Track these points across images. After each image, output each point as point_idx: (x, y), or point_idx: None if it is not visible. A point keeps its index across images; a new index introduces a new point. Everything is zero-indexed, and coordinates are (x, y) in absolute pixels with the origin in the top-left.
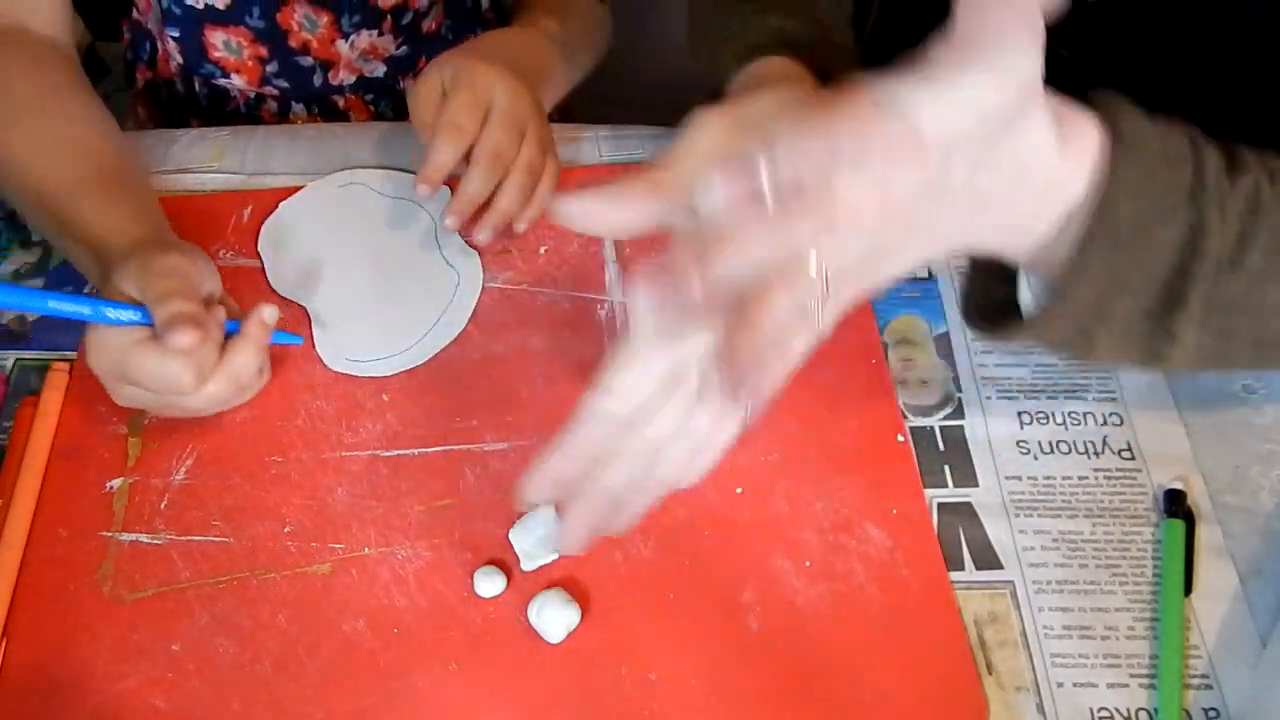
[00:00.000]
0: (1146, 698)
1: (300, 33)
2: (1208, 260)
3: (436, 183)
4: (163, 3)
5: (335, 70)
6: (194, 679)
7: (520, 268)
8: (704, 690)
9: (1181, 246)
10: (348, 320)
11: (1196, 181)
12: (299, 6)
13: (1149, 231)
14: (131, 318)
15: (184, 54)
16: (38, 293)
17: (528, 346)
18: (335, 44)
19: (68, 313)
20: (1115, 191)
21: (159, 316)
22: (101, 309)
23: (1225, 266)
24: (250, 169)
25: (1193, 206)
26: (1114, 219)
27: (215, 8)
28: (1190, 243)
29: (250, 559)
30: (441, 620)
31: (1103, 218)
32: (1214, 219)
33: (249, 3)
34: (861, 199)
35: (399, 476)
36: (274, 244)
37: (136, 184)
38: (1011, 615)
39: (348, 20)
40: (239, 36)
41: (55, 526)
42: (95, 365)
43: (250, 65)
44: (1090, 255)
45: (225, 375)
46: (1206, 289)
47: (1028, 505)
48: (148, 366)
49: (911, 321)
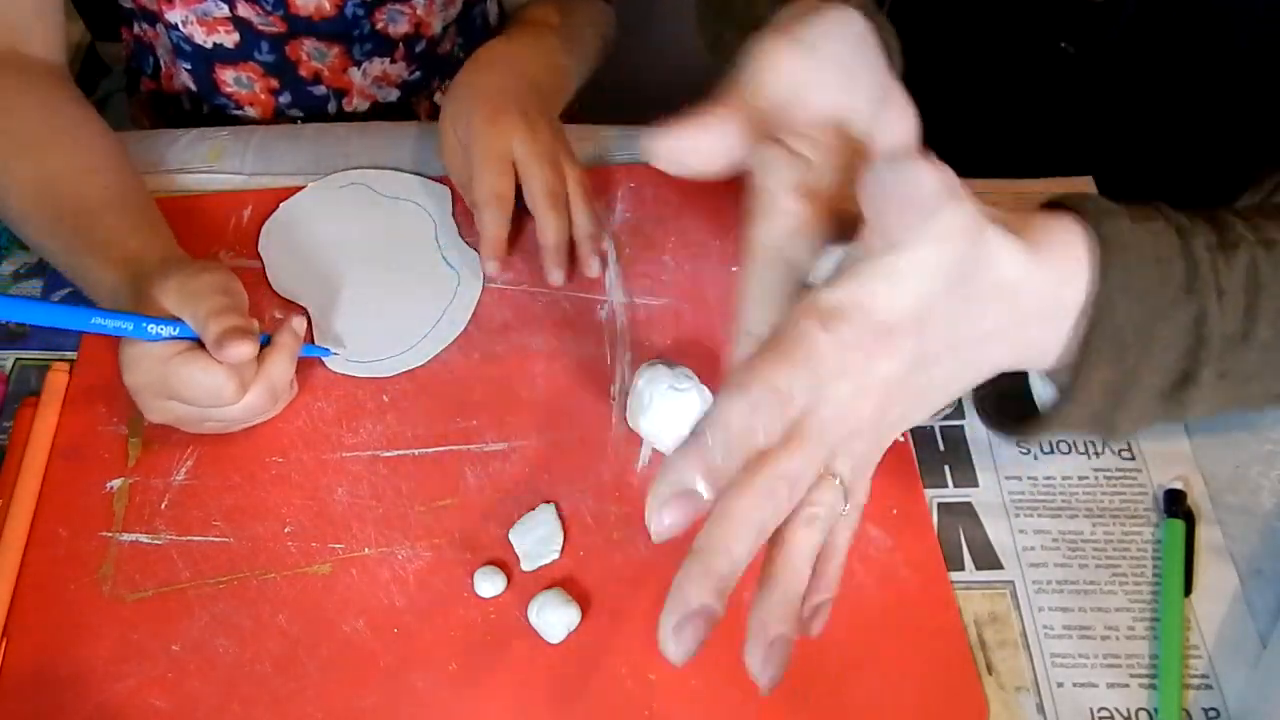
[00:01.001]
0: (1146, 698)
1: (310, 63)
2: (1213, 343)
3: (502, 254)
4: (172, 37)
5: (349, 97)
6: (194, 679)
7: (520, 268)
8: (704, 690)
9: (1186, 337)
10: (348, 321)
11: (1190, 274)
12: (307, 40)
13: (1150, 331)
14: (171, 332)
15: (196, 84)
16: (81, 310)
17: (528, 346)
18: (347, 72)
19: (110, 329)
20: (1110, 299)
21: (212, 330)
22: (143, 325)
23: (1234, 343)
24: (250, 169)
25: (1191, 299)
26: (1113, 326)
27: (224, 47)
28: (1193, 332)
29: (250, 559)
30: (441, 620)
31: (1101, 326)
32: (1213, 305)
33: (257, 39)
34: (849, 409)
35: (399, 477)
36: (274, 245)
37: (147, 204)
38: (1011, 615)
39: (359, 49)
40: (249, 72)
41: (55, 526)
42: (133, 380)
43: (263, 98)
44: (1094, 362)
45: (263, 385)
46: (1217, 367)
47: (1028, 505)
48: (192, 378)
49: None
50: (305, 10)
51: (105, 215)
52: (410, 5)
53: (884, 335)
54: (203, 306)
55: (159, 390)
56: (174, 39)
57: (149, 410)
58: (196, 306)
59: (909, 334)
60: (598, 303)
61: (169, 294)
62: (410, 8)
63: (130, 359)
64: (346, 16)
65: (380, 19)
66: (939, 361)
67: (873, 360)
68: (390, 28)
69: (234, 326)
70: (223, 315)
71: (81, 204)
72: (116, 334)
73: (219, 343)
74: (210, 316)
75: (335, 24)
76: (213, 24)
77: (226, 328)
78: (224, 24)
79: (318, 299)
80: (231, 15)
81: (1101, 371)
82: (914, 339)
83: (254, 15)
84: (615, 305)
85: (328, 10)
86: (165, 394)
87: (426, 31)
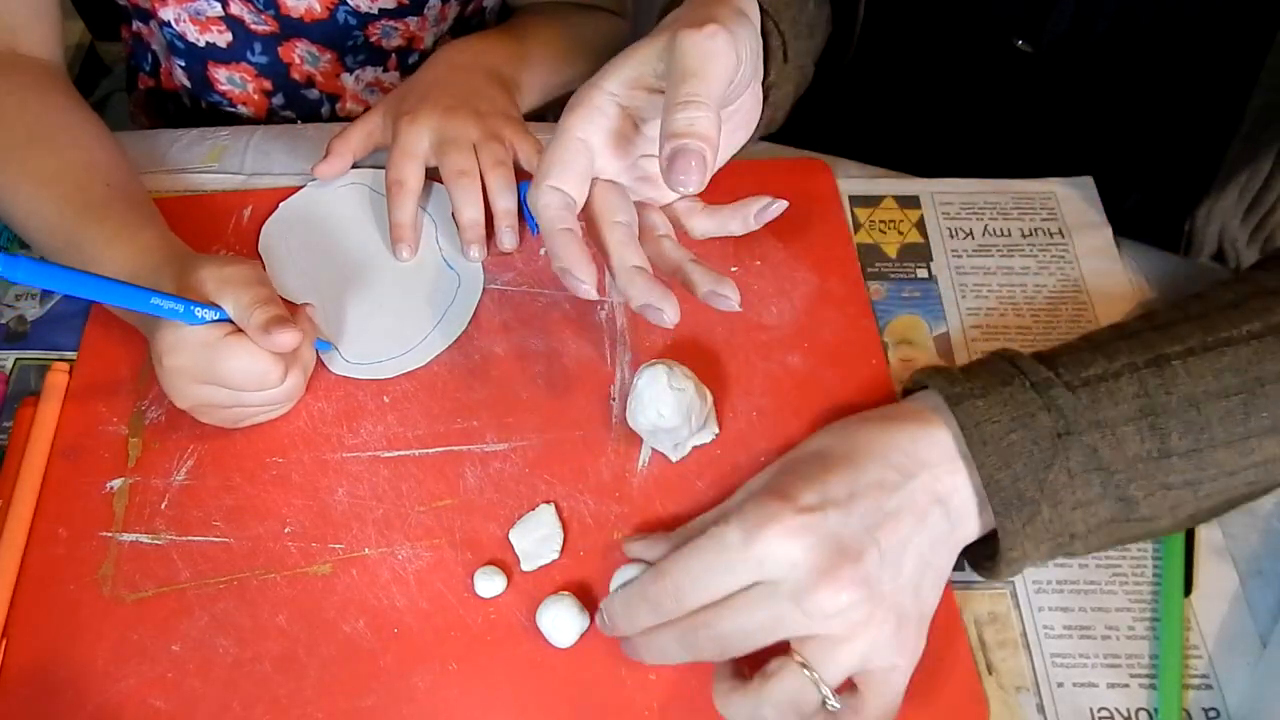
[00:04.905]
0: (1146, 698)
1: (303, 66)
2: (1123, 468)
3: (408, 238)
4: (166, 34)
5: (342, 102)
6: (194, 679)
7: (520, 269)
8: (704, 690)
9: (1091, 473)
10: (349, 322)
11: (1058, 420)
12: (300, 43)
13: (1044, 480)
14: (214, 317)
15: (191, 81)
16: (141, 291)
17: (528, 347)
18: (340, 78)
19: (165, 311)
20: (990, 476)
21: (257, 317)
22: (191, 309)
23: (1152, 460)
24: (250, 169)
25: (1071, 440)
26: (1004, 497)
27: (217, 45)
28: (1092, 466)
29: (250, 559)
30: (441, 620)
31: (995, 500)
32: (1097, 438)
33: (250, 39)
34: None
35: (399, 477)
36: (274, 245)
37: (147, 203)
38: (1011, 615)
39: (352, 58)
40: (242, 72)
41: (55, 526)
42: (173, 362)
43: (256, 98)
44: (1010, 528)
45: (298, 368)
46: (1149, 484)
47: None
48: (238, 360)
49: (911, 321)
50: (296, 11)
51: (113, 208)
52: (404, 22)
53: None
54: (245, 295)
55: (200, 374)
56: (167, 36)
57: (180, 395)
58: (238, 293)
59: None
60: (598, 303)
61: (205, 280)
62: (404, 24)
63: (170, 343)
64: (338, 22)
65: (374, 33)
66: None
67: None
68: (384, 41)
69: (278, 315)
70: (266, 304)
71: (85, 202)
72: (170, 316)
73: (266, 329)
74: (253, 304)
75: (327, 28)
76: (205, 23)
77: (271, 315)
78: (216, 23)
79: (318, 299)
80: (224, 14)
81: (1023, 536)
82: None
83: (246, 14)
84: (615, 305)
85: (319, 13)
86: (207, 378)
87: (419, 45)
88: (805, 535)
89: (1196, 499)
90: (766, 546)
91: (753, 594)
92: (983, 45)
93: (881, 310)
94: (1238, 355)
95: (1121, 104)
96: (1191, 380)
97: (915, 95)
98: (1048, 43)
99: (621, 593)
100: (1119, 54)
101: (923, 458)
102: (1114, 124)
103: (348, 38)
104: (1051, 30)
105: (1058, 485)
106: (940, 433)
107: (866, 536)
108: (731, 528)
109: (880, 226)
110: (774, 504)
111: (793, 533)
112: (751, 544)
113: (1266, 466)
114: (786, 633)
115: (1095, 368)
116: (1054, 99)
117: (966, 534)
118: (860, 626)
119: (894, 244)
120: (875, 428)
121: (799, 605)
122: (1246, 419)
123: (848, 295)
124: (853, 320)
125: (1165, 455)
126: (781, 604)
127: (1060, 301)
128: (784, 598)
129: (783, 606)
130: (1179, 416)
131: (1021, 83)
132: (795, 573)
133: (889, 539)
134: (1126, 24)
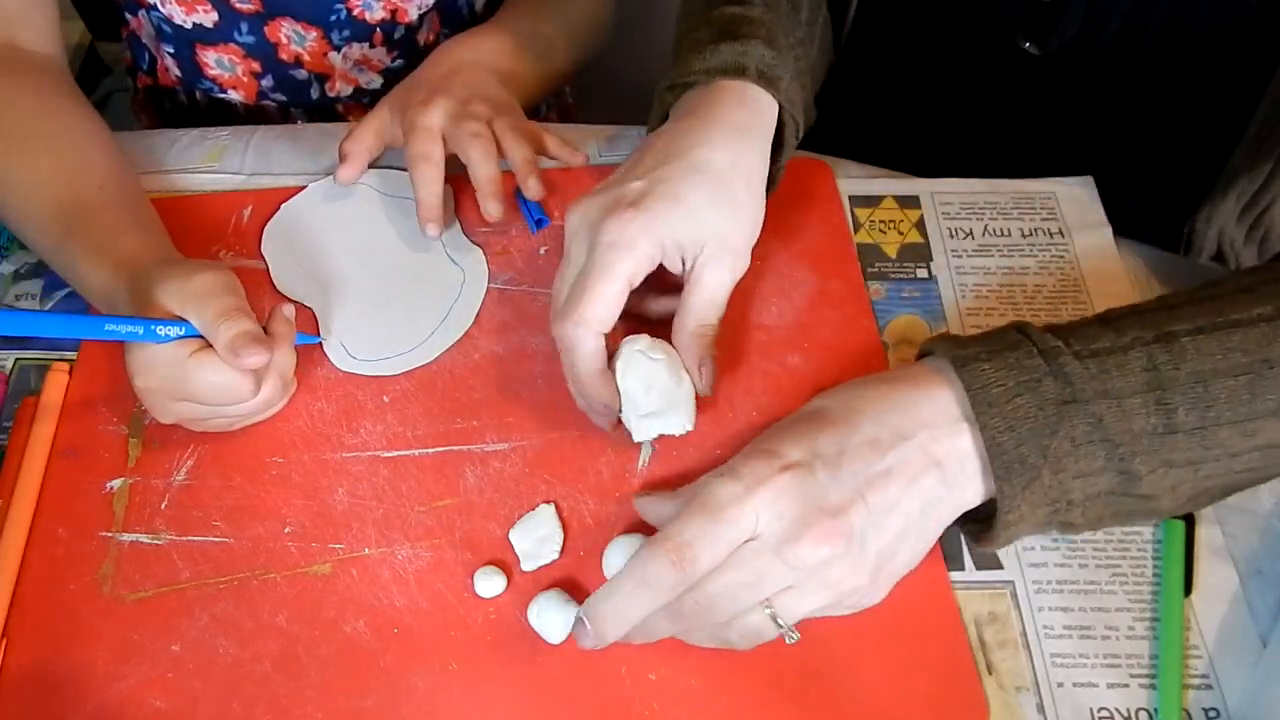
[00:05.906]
0: (1146, 698)
1: (290, 46)
2: (1128, 441)
3: (436, 216)
4: (154, 19)
5: (331, 82)
6: (194, 679)
7: (521, 268)
8: (704, 690)
9: (1095, 443)
10: (353, 320)
11: (1063, 387)
12: (285, 22)
13: (1047, 448)
14: (179, 333)
15: (181, 69)
16: (94, 319)
17: (528, 347)
18: (328, 56)
19: (123, 335)
20: (992, 439)
21: (223, 335)
22: (153, 328)
23: (1159, 436)
24: (250, 169)
25: (1077, 408)
26: (1005, 460)
27: (204, 26)
28: (1098, 436)
29: (250, 559)
30: (441, 620)
31: (997, 464)
32: (1105, 408)
33: (236, 19)
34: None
35: (399, 477)
36: (277, 245)
37: (141, 203)
38: (1011, 615)
39: (337, 35)
40: (230, 54)
41: (55, 526)
42: (145, 384)
43: (246, 81)
44: (1008, 493)
45: (274, 377)
46: (1153, 460)
47: None
48: (207, 378)
49: (911, 321)
50: None
51: (99, 216)
52: None
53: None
54: (208, 308)
55: (173, 392)
56: (155, 20)
57: (160, 412)
58: (202, 307)
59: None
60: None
61: (170, 295)
62: None
63: (140, 363)
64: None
65: (356, 5)
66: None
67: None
68: (366, 14)
69: (244, 332)
70: (230, 317)
71: (75, 204)
72: (129, 339)
73: (233, 350)
74: (218, 319)
75: (312, 6)
76: (191, 3)
77: (237, 333)
78: (202, 3)
79: (322, 299)
80: None
81: (1022, 495)
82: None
83: None
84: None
85: None
86: (180, 395)
87: (403, 19)
88: (791, 489)
89: (1197, 479)
90: (754, 502)
91: (740, 551)
92: (987, 47)
93: (881, 310)
94: (1247, 336)
95: (1126, 110)
96: (1200, 357)
97: (917, 96)
98: (1055, 47)
99: (613, 585)
100: (1126, 60)
101: (923, 418)
102: (1117, 129)
103: (330, 12)
104: (1060, 35)
105: (1061, 453)
106: (943, 394)
107: (854, 493)
108: (723, 486)
109: (880, 226)
110: (761, 461)
111: (779, 488)
112: (741, 501)
113: (1268, 451)
114: (770, 588)
115: (1104, 340)
116: (1057, 102)
117: (963, 500)
118: (834, 580)
119: (894, 244)
120: (876, 388)
121: (780, 557)
122: (1253, 399)
123: (848, 295)
124: (853, 320)
125: (1170, 431)
126: (765, 557)
127: (1060, 302)
128: (768, 551)
129: (766, 560)
130: (1185, 393)
131: (1025, 85)
132: (779, 524)
133: (876, 498)
134: (1135, 31)
